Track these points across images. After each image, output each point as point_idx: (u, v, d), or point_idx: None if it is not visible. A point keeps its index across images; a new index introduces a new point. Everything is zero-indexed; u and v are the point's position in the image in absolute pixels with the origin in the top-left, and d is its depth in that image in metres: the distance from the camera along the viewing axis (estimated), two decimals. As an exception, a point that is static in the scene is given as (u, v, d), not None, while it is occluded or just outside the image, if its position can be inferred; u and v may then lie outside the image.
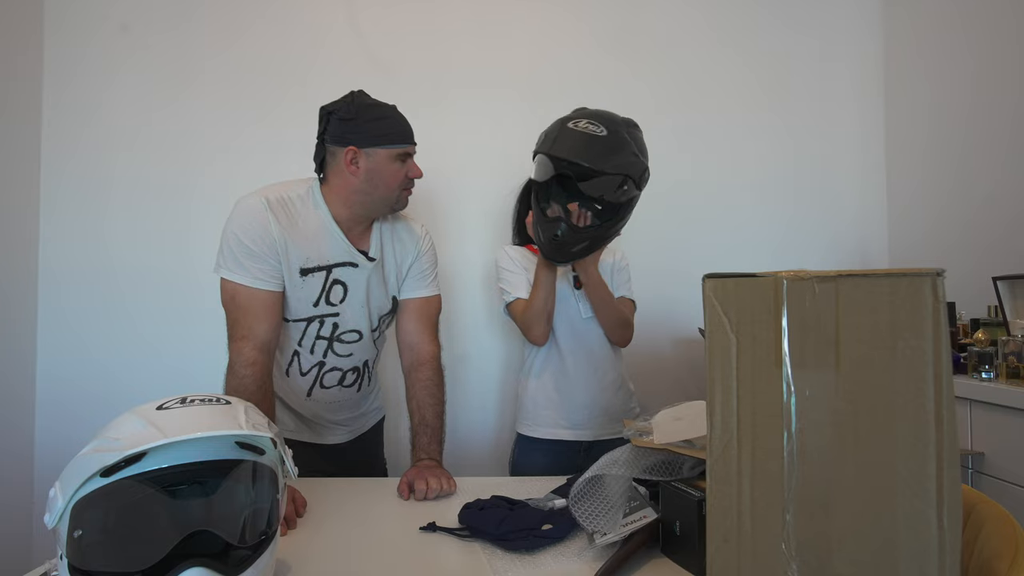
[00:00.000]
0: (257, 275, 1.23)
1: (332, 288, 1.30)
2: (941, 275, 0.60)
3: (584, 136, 1.33)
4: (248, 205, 1.25)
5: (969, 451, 1.53)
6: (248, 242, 1.22)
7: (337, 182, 1.29)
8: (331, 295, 1.31)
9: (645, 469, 0.95)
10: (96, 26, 2.10)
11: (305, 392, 1.38)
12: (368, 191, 1.28)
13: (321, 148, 1.30)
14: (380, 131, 1.26)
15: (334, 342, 1.35)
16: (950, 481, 0.59)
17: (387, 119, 1.27)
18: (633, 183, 1.38)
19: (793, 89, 2.36)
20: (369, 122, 1.25)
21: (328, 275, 1.30)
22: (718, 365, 0.67)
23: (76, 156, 2.09)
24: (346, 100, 1.27)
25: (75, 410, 2.04)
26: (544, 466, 1.52)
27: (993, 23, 1.96)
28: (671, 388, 2.21)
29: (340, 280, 1.31)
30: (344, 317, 1.34)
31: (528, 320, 1.53)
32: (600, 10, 2.28)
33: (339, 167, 1.27)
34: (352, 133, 1.25)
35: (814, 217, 2.35)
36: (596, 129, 1.33)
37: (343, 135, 1.25)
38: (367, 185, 1.27)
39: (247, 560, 0.71)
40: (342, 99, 1.28)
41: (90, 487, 0.66)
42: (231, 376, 1.20)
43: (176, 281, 2.09)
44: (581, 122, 1.35)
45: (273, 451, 0.77)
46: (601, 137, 1.33)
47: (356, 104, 1.26)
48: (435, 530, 0.99)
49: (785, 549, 0.62)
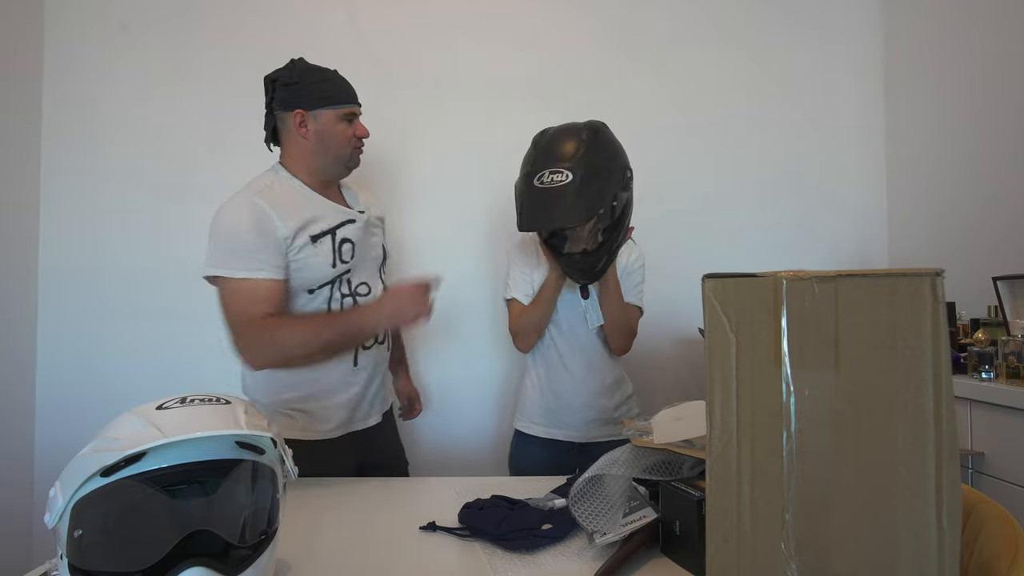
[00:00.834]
0: (262, 266, 1.22)
1: (342, 247, 1.34)
2: (941, 275, 0.60)
3: (550, 195, 1.33)
4: (238, 203, 1.25)
5: (969, 451, 1.53)
6: (254, 234, 1.22)
7: (293, 150, 1.34)
8: (343, 253, 1.34)
9: (645, 469, 0.95)
10: (95, 24, 2.10)
11: (352, 361, 1.37)
12: (321, 152, 1.33)
13: (271, 117, 1.35)
14: (324, 92, 1.31)
15: (355, 297, 1.38)
16: (950, 481, 0.59)
17: (329, 81, 1.33)
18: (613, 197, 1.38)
19: (793, 89, 2.36)
20: (313, 84, 1.30)
21: (334, 236, 1.33)
22: (718, 365, 0.67)
23: (75, 154, 2.09)
24: (288, 67, 1.32)
25: (75, 410, 2.03)
26: (540, 463, 1.54)
27: (995, 22, 1.95)
28: (671, 388, 2.21)
29: (347, 238, 1.35)
30: (355, 272, 1.37)
31: (520, 329, 1.57)
32: (600, 9, 2.28)
33: (291, 133, 1.32)
34: (297, 96, 1.30)
35: (814, 217, 2.35)
36: (561, 178, 1.33)
37: (288, 99, 1.30)
38: (318, 146, 1.32)
39: (247, 560, 0.71)
40: (284, 67, 1.32)
41: (90, 487, 0.66)
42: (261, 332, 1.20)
43: (177, 282, 2.09)
44: (545, 175, 1.34)
45: (273, 451, 0.77)
46: (568, 185, 1.32)
47: (298, 69, 1.31)
48: (435, 530, 0.99)
49: (784, 549, 0.62)
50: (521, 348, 1.60)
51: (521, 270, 1.60)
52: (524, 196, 1.40)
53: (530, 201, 1.39)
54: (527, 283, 1.59)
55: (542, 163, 1.38)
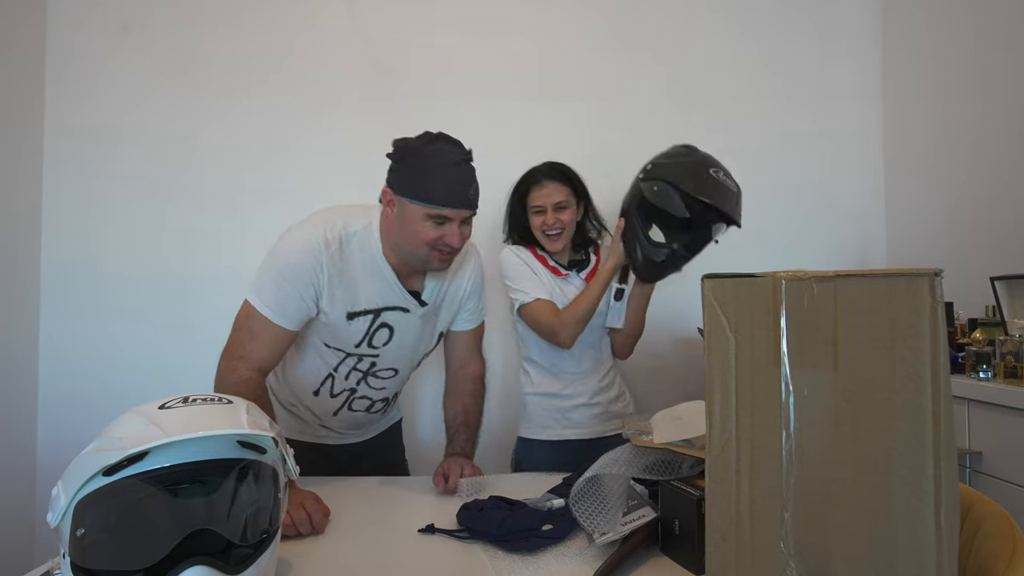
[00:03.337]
0: (287, 312, 1.17)
1: (377, 332, 1.25)
2: (939, 275, 0.60)
3: (726, 187, 1.35)
4: (304, 239, 1.16)
5: (967, 450, 1.54)
6: (290, 277, 1.15)
7: (385, 222, 1.22)
8: (375, 338, 1.25)
9: (644, 468, 0.95)
10: (96, 24, 2.10)
11: (332, 412, 1.36)
12: (399, 239, 1.19)
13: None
14: (414, 183, 1.14)
15: (369, 376, 1.32)
16: (948, 480, 0.59)
17: (429, 173, 1.13)
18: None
19: (793, 89, 2.36)
20: (408, 170, 1.15)
21: (376, 319, 1.23)
22: (717, 365, 0.67)
23: (77, 155, 2.09)
24: (409, 140, 1.18)
25: (77, 409, 2.03)
26: (548, 464, 1.53)
27: (994, 23, 1.96)
28: (671, 388, 2.21)
29: (387, 323, 1.25)
30: (384, 359, 1.30)
31: (565, 323, 1.49)
32: (601, 11, 2.28)
33: (385, 207, 1.21)
34: (392, 174, 1.18)
35: (813, 217, 2.35)
36: (732, 185, 1.36)
37: (388, 174, 1.19)
38: (397, 232, 1.19)
39: (249, 559, 0.71)
40: (415, 138, 1.18)
41: (92, 486, 0.66)
42: (219, 390, 1.11)
43: (178, 284, 2.09)
44: (720, 173, 1.36)
45: (275, 450, 0.78)
46: (738, 191, 1.37)
47: (410, 147, 1.16)
48: (434, 532, 0.99)
49: (783, 548, 0.63)
50: (565, 344, 1.52)
51: (528, 275, 1.56)
52: (697, 174, 1.35)
53: (706, 181, 1.34)
54: (541, 284, 1.55)
55: (714, 162, 1.38)
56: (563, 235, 1.56)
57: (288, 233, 1.20)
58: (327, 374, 1.31)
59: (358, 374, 1.31)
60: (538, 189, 1.57)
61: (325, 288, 1.18)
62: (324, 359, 1.29)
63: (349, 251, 1.20)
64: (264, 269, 1.18)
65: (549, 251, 1.60)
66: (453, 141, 1.19)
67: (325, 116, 2.14)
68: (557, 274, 1.59)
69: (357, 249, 1.20)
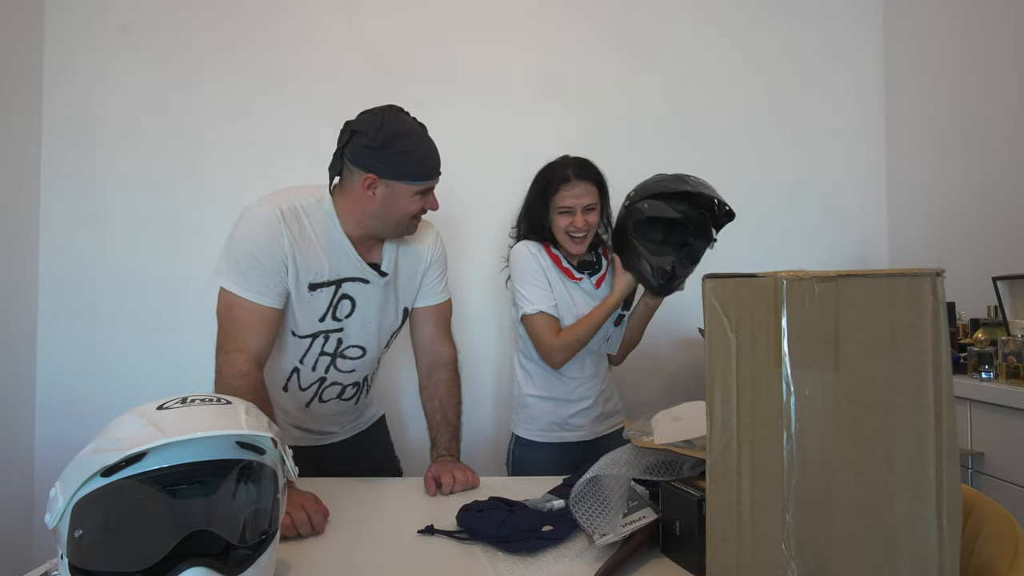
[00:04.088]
0: (262, 290, 1.17)
1: (339, 303, 1.26)
2: (941, 275, 0.60)
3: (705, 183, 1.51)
4: (259, 214, 1.18)
5: (969, 451, 1.53)
6: (257, 254, 1.16)
7: (351, 201, 1.23)
8: (338, 310, 1.26)
9: (645, 469, 0.95)
10: (95, 24, 2.10)
11: (303, 404, 1.36)
12: (380, 217, 1.22)
13: (339, 161, 1.23)
14: (405, 166, 1.18)
15: (337, 358, 1.32)
16: (950, 481, 0.59)
17: (413, 153, 1.19)
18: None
19: (793, 89, 2.36)
20: (395, 155, 1.17)
21: (337, 289, 1.25)
22: (718, 365, 0.67)
23: (75, 155, 2.09)
24: (374, 123, 1.17)
25: (75, 410, 2.04)
26: (546, 465, 1.53)
27: (994, 23, 1.96)
28: (671, 388, 2.21)
29: (348, 295, 1.27)
30: (348, 332, 1.30)
31: (560, 346, 1.48)
32: (602, 10, 2.28)
33: (355, 188, 1.21)
34: (375, 161, 1.17)
35: (814, 217, 2.35)
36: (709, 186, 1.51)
37: (363, 160, 1.18)
38: (380, 212, 1.22)
39: (247, 560, 0.71)
40: (370, 119, 1.18)
41: (91, 487, 0.66)
42: (222, 387, 1.14)
43: (176, 283, 2.09)
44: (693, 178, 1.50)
45: (273, 451, 0.77)
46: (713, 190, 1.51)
47: (384, 132, 1.16)
48: (433, 533, 0.99)
49: (785, 549, 0.62)
50: (555, 366, 1.52)
51: (537, 283, 1.51)
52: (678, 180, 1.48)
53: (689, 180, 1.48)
54: (548, 295, 1.51)
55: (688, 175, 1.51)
56: (587, 238, 1.52)
57: (244, 215, 1.20)
58: (293, 367, 1.31)
59: (326, 359, 1.31)
60: (568, 188, 1.49)
61: (290, 258, 1.18)
62: (287, 350, 1.29)
63: (305, 222, 1.22)
64: (230, 254, 1.18)
65: (571, 253, 1.55)
66: (404, 110, 1.23)
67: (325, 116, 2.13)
68: (569, 276, 1.55)
69: (313, 222, 1.23)
